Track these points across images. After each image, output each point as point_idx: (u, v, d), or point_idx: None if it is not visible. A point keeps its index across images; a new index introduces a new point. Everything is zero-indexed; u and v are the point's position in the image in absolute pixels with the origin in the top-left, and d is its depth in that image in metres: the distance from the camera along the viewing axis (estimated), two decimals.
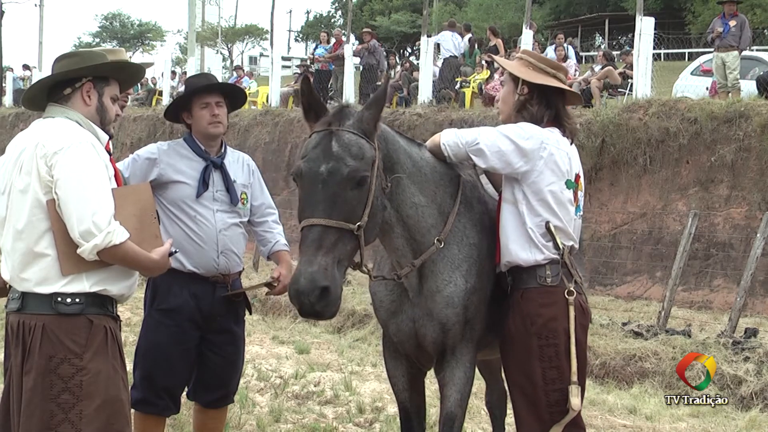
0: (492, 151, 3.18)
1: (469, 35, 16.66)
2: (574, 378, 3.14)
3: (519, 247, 3.22)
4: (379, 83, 17.29)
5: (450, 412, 3.32)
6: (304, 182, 2.88)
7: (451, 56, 15.73)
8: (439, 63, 16.17)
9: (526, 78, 3.31)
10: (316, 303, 2.72)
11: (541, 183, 3.19)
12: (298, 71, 21.17)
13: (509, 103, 3.37)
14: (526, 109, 3.31)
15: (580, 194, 3.37)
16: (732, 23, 12.44)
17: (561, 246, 3.21)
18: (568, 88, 3.46)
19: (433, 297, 3.27)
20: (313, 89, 3.09)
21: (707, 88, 13.55)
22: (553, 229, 3.20)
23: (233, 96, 4.08)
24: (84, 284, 2.86)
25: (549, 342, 3.16)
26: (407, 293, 3.33)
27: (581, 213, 3.40)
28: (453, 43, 15.79)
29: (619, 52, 16.50)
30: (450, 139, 3.28)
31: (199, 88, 3.94)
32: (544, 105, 3.31)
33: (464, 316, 3.28)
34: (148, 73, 21.87)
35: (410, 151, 3.23)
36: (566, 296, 3.19)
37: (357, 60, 17.23)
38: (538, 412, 3.17)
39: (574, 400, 3.11)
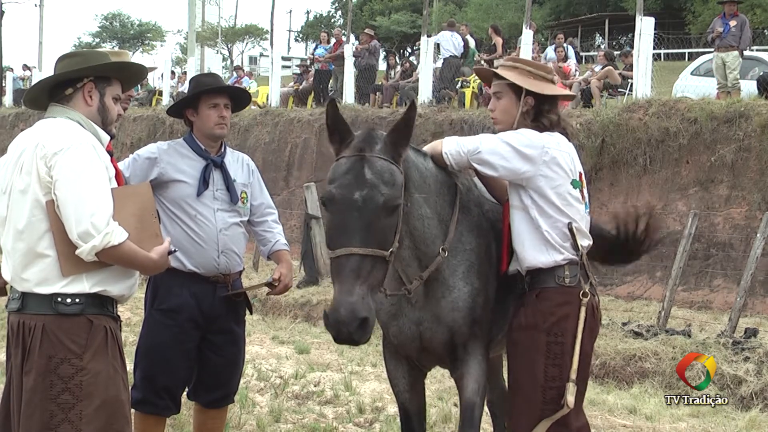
0: (494, 159, 3.18)
1: (467, 35, 16.68)
2: (573, 376, 3.16)
3: (537, 251, 3.23)
4: (378, 83, 17.30)
5: (469, 399, 3.35)
6: (336, 208, 2.88)
7: (451, 56, 15.74)
8: (439, 63, 16.18)
9: (537, 91, 3.29)
10: (354, 332, 2.76)
11: (547, 186, 3.20)
12: (298, 71, 21.18)
13: (512, 114, 3.33)
14: (544, 117, 3.30)
15: (585, 191, 3.39)
16: (732, 23, 12.42)
17: (580, 247, 3.23)
18: (566, 92, 3.47)
19: (439, 303, 3.29)
20: (338, 112, 3.06)
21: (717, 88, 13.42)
22: (574, 230, 3.21)
23: (237, 99, 4.09)
24: (84, 285, 2.86)
25: (557, 340, 3.18)
26: (407, 297, 3.33)
27: (589, 209, 3.42)
28: (452, 43, 15.80)
29: (619, 53, 16.50)
30: (452, 147, 3.27)
31: (212, 88, 3.95)
32: (554, 112, 3.33)
33: (471, 318, 3.31)
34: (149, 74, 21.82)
35: (417, 164, 3.23)
36: (581, 297, 3.21)
37: (353, 60, 17.20)
38: (531, 408, 3.18)
39: (570, 398, 3.13)
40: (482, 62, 16.16)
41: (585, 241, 3.30)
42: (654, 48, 13.57)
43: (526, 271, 3.31)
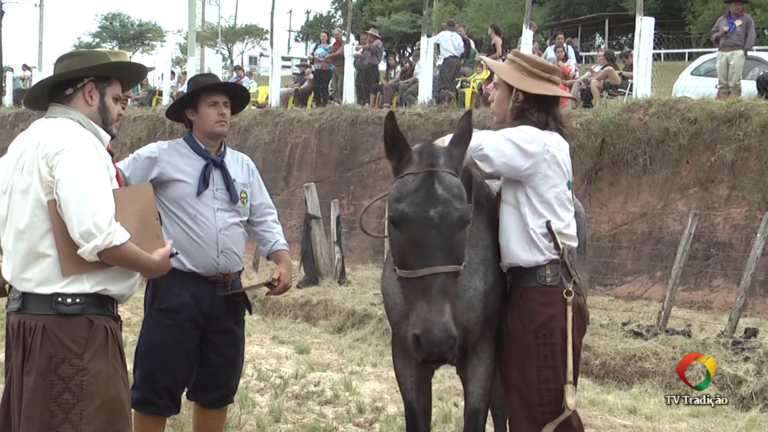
0: (497, 155, 3.18)
1: (465, 35, 16.69)
2: (570, 378, 3.16)
3: (520, 248, 3.24)
4: (382, 82, 17.28)
5: (474, 407, 3.38)
6: (411, 227, 2.85)
7: (451, 56, 15.73)
8: (439, 63, 16.17)
9: (520, 87, 3.30)
10: (448, 352, 2.77)
11: (545, 185, 3.21)
12: (298, 71, 21.18)
13: (504, 107, 3.37)
14: (525, 117, 3.30)
15: (572, 194, 3.42)
16: (738, 23, 12.39)
17: (561, 246, 3.22)
18: (563, 94, 3.47)
19: (454, 302, 3.26)
20: (398, 126, 3.02)
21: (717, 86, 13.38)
22: (554, 229, 3.21)
23: (237, 98, 4.09)
24: (85, 285, 2.86)
25: (546, 341, 3.18)
26: None
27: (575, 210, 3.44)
28: (452, 43, 15.79)
29: (619, 53, 16.50)
30: None
31: (210, 85, 3.95)
32: (543, 111, 3.31)
33: (484, 316, 3.32)
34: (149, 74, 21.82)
35: None
36: (564, 296, 3.21)
37: (352, 59, 17.18)
38: (530, 412, 3.19)
39: (570, 400, 3.13)
40: (482, 62, 16.15)
41: (569, 242, 3.31)
42: (654, 48, 13.56)
43: (507, 267, 3.31)
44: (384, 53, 19.91)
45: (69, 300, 2.83)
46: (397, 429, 5.12)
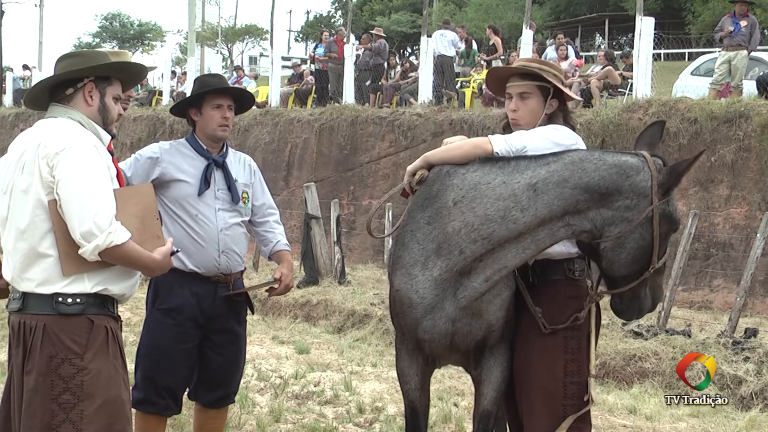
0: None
1: (466, 36, 16.68)
2: (593, 371, 3.23)
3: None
4: (382, 82, 17.27)
5: (486, 409, 3.39)
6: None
7: (441, 55, 15.69)
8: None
9: (569, 94, 3.41)
10: None
11: None
12: (293, 71, 21.18)
13: (538, 115, 3.39)
14: (569, 118, 3.42)
15: None
16: (743, 23, 12.39)
17: None
18: (575, 96, 3.58)
19: (492, 301, 3.27)
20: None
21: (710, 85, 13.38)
22: None
23: (240, 101, 4.09)
24: (85, 285, 2.86)
25: (574, 334, 3.25)
26: (453, 291, 3.26)
27: None
28: (442, 42, 15.76)
29: (620, 53, 16.50)
30: (502, 147, 3.27)
31: (216, 89, 3.95)
32: (569, 112, 3.46)
33: (507, 317, 3.33)
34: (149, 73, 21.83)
35: None
36: (589, 291, 3.31)
37: (352, 59, 17.17)
38: (553, 405, 3.21)
39: (594, 393, 3.21)
40: (482, 62, 16.16)
41: None
42: (654, 48, 13.56)
43: (534, 260, 3.33)
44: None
45: (69, 300, 2.83)
46: (397, 429, 5.12)
